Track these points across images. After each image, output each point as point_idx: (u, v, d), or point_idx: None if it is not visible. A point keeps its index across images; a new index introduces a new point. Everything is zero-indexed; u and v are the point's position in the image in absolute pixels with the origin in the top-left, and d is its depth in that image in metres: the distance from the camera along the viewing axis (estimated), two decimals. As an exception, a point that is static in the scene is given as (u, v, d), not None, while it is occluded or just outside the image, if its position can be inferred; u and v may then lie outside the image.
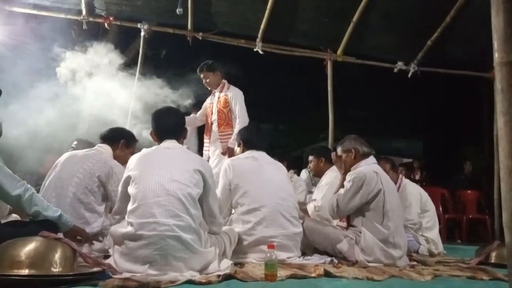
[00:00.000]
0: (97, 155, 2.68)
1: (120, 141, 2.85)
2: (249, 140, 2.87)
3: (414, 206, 3.58)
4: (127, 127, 4.26)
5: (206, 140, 4.32)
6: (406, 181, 3.80)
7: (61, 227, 2.09)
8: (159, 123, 2.34)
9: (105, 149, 2.77)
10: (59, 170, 2.62)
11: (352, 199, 2.69)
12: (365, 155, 2.86)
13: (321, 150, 3.92)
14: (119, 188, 2.21)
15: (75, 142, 3.97)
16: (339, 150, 2.96)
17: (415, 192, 3.67)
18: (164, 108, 2.47)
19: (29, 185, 2.04)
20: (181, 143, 2.32)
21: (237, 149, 2.95)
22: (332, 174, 3.64)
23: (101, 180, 2.57)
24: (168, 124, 2.31)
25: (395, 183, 3.67)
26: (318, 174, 3.85)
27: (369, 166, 2.79)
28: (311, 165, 3.87)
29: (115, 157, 2.79)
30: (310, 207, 3.57)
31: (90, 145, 3.20)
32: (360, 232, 2.65)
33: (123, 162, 2.74)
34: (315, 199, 3.64)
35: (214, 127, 4.21)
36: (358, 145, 2.89)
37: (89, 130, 4.45)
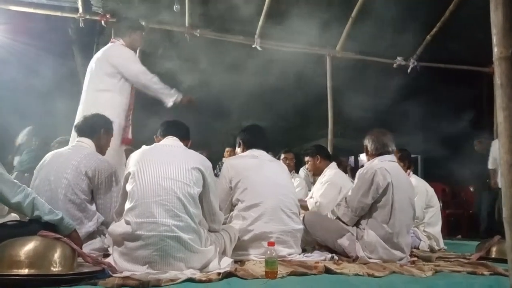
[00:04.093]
0: (81, 151, 2.58)
1: (101, 130, 2.75)
2: (249, 140, 2.85)
3: (418, 200, 3.56)
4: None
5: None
6: (413, 176, 3.78)
7: (63, 230, 2.07)
8: (166, 127, 2.43)
9: (87, 143, 2.66)
10: (45, 172, 2.52)
11: (365, 196, 2.61)
12: (378, 154, 2.78)
13: (315, 149, 3.90)
14: (121, 185, 2.20)
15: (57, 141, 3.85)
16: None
17: (421, 187, 3.66)
18: (174, 119, 2.56)
19: (29, 190, 2.03)
20: (186, 145, 2.35)
21: (238, 150, 2.95)
22: (331, 172, 3.64)
23: (88, 177, 2.49)
24: (174, 127, 2.41)
25: None
26: (317, 173, 3.83)
27: (381, 163, 2.71)
28: (308, 165, 3.86)
29: (99, 148, 2.71)
30: (310, 202, 3.57)
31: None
32: (364, 229, 2.64)
33: (106, 150, 2.81)
34: (312, 197, 3.63)
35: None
36: (369, 142, 2.83)
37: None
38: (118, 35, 3.46)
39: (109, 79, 3.24)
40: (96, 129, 2.73)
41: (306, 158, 3.86)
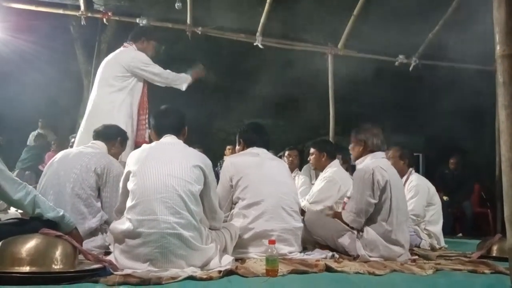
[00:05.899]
0: (93, 151, 2.69)
1: (117, 138, 2.87)
2: (249, 138, 2.85)
3: (420, 198, 3.54)
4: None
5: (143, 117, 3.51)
6: (415, 175, 3.74)
7: (64, 227, 2.08)
8: (158, 120, 2.36)
9: (100, 146, 2.76)
10: (55, 167, 2.61)
11: (371, 196, 2.58)
12: (374, 150, 2.75)
13: (323, 144, 3.89)
14: (120, 184, 2.20)
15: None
16: (353, 137, 2.83)
17: (423, 185, 3.64)
18: (163, 107, 2.45)
19: (30, 187, 2.03)
20: (182, 139, 2.32)
21: (238, 148, 2.94)
22: (333, 169, 3.65)
23: (97, 173, 2.56)
24: (167, 120, 2.33)
25: (403, 173, 3.60)
26: (318, 168, 3.86)
27: (376, 161, 2.69)
28: (311, 157, 3.86)
29: (110, 153, 2.79)
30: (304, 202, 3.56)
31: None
32: (363, 228, 2.64)
33: (117, 158, 2.86)
34: (303, 200, 3.62)
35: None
36: (370, 137, 2.76)
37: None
38: (131, 40, 3.47)
39: (121, 81, 3.29)
40: (114, 135, 2.86)
41: (312, 150, 3.84)
